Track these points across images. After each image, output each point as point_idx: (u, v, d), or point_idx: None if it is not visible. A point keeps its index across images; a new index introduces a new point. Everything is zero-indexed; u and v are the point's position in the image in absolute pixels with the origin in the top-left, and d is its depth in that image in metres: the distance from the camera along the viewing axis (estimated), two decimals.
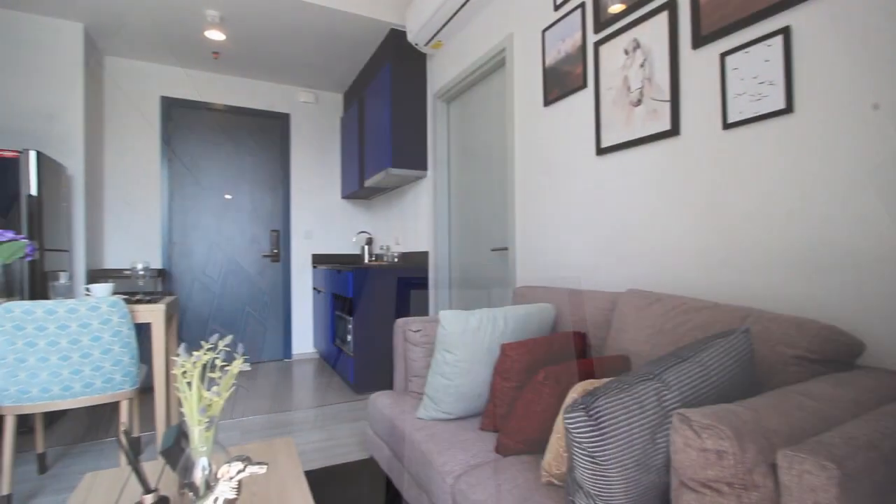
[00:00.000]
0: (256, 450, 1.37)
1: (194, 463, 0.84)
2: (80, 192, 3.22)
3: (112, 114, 3.75)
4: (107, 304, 1.81)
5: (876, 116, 1.10)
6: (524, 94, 2.38)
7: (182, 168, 4.00)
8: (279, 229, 4.34)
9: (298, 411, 2.93)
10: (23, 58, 3.07)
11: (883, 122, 1.09)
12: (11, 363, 1.69)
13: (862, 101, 1.12)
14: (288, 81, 4.31)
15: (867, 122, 1.11)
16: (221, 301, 4.13)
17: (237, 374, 0.84)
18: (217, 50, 3.63)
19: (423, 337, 1.83)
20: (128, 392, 1.91)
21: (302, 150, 4.44)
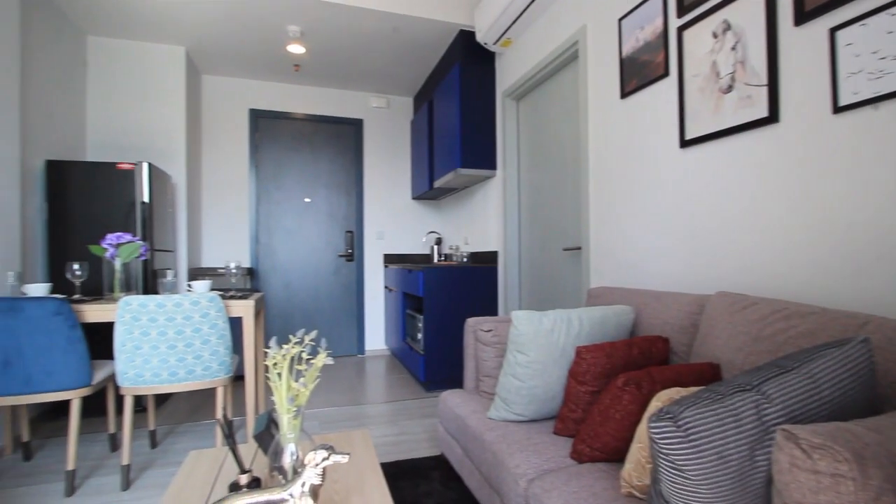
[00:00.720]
0: (335, 440, 1.44)
1: (283, 448, 0.90)
2: (182, 198, 3.59)
3: (208, 126, 4.14)
4: (206, 300, 1.99)
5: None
6: (599, 88, 2.29)
7: (267, 174, 4.32)
8: (353, 230, 4.54)
9: (371, 405, 3.05)
10: (136, 81, 3.48)
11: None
12: (130, 350, 1.92)
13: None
14: (361, 88, 4.49)
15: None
16: (301, 298, 4.40)
17: (321, 367, 0.89)
18: (298, 62, 3.87)
19: (494, 337, 1.82)
20: (223, 379, 2.10)
21: (374, 154, 4.61)
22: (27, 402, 1.87)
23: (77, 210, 2.83)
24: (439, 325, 3.22)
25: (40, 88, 2.78)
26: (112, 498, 1.88)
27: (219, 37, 3.43)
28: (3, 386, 1.83)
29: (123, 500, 1.86)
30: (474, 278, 3.31)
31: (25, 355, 1.83)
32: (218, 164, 4.15)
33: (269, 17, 3.15)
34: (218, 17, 3.14)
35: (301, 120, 4.41)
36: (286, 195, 4.36)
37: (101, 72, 3.41)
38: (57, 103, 2.98)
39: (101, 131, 3.41)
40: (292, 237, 4.38)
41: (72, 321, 1.89)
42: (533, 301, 3.06)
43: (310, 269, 4.42)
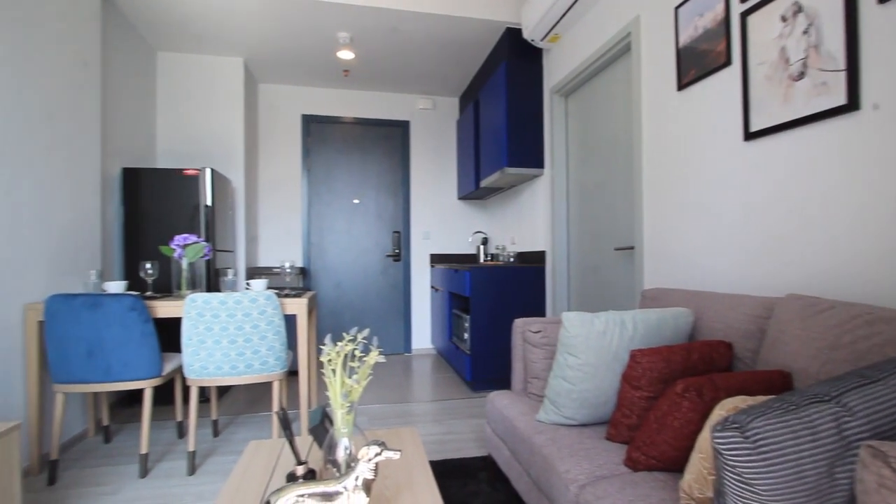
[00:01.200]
0: (385, 436, 1.47)
1: (337, 442, 0.93)
2: (241, 201, 3.79)
3: (263, 132, 4.34)
4: (263, 298, 2.09)
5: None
6: (653, 80, 2.19)
7: (318, 177, 4.47)
8: (400, 231, 4.61)
9: (417, 403, 3.08)
10: (200, 92, 3.71)
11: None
12: (195, 344, 2.05)
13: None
14: (408, 90, 4.55)
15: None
16: (350, 297, 4.52)
17: (373, 365, 0.91)
18: (347, 68, 3.98)
19: (543, 338, 1.79)
20: (279, 374, 2.19)
21: (420, 155, 4.66)
22: (107, 389, 2.04)
23: (148, 213, 3.06)
24: (486, 325, 3.21)
25: (117, 102, 3.03)
26: (179, 482, 2.02)
27: (273, 47, 3.59)
28: (87, 374, 2.00)
29: (189, 485, 1.99)
30: (521, 278, 3.27)
31: (106, 347, 1.99)
32: (273, 168, 4.35)
33: (320, 26, 3.26)
34: (273, 28, 3.29)
35: (350, 123, 4.54)
36: (336, 197, 4.50)
37: (169, 84, 3.67)
38: (131, 115, 3.23)
39: (169, 140, 3.66)
40: (342, 238, 4.51)
41: (145, 316, 2.04)
42: (582, 302, 2.98)
43: (359, 269, 4.54)
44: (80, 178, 2.51)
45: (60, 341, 1.96)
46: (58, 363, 1.98)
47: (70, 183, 2.42)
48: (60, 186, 2.34)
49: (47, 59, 2.24)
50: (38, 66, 2.18)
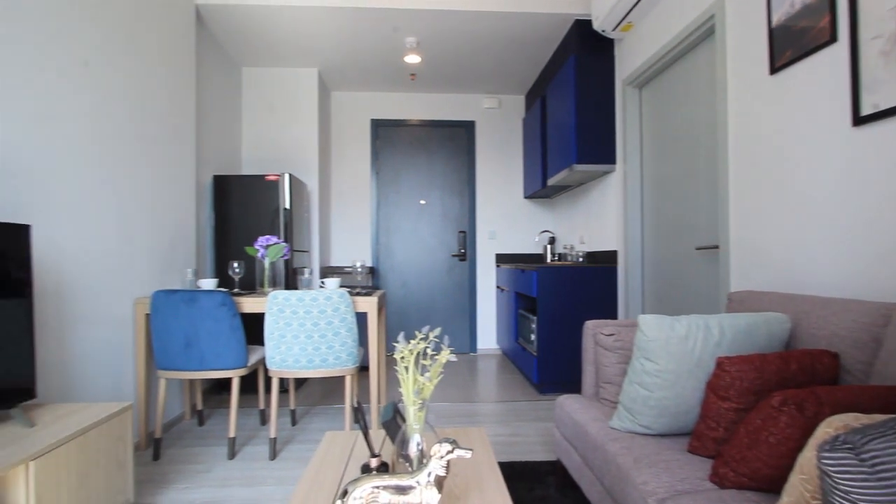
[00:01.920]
0: (453, 435, 1.48)
1: (409, 438, 0.95)
2: (315, 204, 4.00)
3: (336, 138, 4.55)
4: (337, 296, 2.19)
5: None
6: (741, 64, 2.02)
7: (386, 179, 4.61)
8: (465, 230, 4.63)
9: (483, 404, 3.07)
10: (278, 102, 3.97)
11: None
12: (276, 338, 2.19)
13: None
14: (473, 91, 4.56)
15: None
16: (416, 296, 4.61)
17: (444, 363, 0.92)
18: (414, 72, 4.06)
19: (616, 342, 1.71)
20: (351, 369, 2.29)
21: (486, 154, 4.65)
22: (201, 377, 2.24)
23: (235, 216, 3.32)
24: (553, 326, 3.13)
25: (208, 115, 3.32)
26: (262, 465, 2.17)
27: (345, 56, 3.75)
28: (185, 362, 2.21)
29: (271, 468, 2.13)
30: (591, 279, 3.15)
31: (200, 338, 2.19)
32: (344, 172, 4.55)
33: (389, 32, 3.36)
34: (345, 38, 3.44)
35: (416, 126, 4.63)
36: (403, 198, 4.62)
37: (252, 97, 3.96)
38: (220, 127, 3.53)
39: (252, 148, 3.96)
40: (409, 237, 4.61)
41: (233, 311, 2.21)
42: (659, 305, 2.82)
43: (425, 269, 4.62)
44: (179, 186, 2.78)
45: (163, 332, 2.19)
46: (161, 352, 2.21)
47: (170, 191, 2.69)
48: (163, 194, 2.60)
49: (153, 82, 2.51)
50: (147, 89, 2.45)
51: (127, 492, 1.62)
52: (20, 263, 1.48)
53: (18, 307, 1.47)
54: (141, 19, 2.40)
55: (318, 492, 1.11)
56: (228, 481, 2.01)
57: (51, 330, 1.81)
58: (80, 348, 1.97)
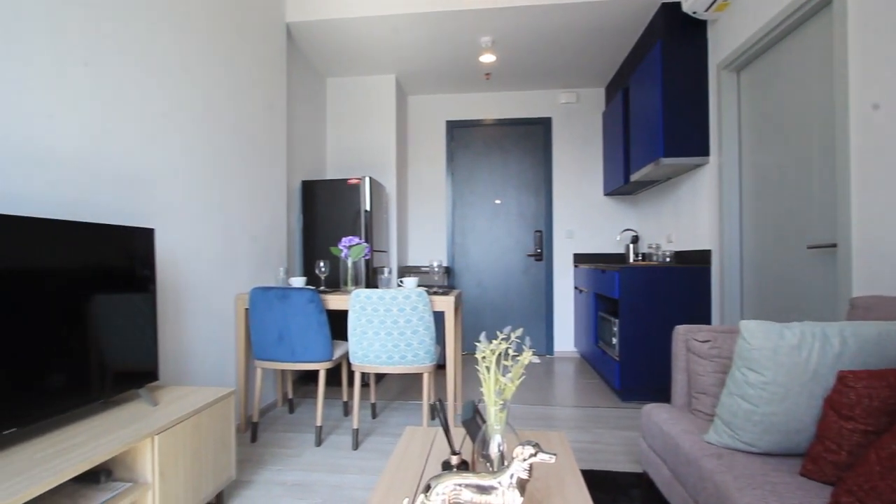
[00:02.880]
0: (533, 438, 1.45)
1: (490, 438, 0.94)
2: (393, 205, 4.14)
3: (412, 140, 4.68)
4: (415, 294, 2.24)
5: None
6: (865, 38, 1.76)
7: (461, 179, 4.65)
8: (542, 230, 4.53)
9: (560, 408, 2.98)
10: (359, 109, 4.16)
11: None
12: (359, 334, 2.30)
13: None
14: (549, 86, 4.45)
15: None
16: (491, 296, 4.59)
17: (525, 365, 0.90)
18: (488, 71, 4.05)
19: (712, 349, 1.57)
20: (428, 366, 2.33)
21: (563, 151, 4.52)
22: (292, 368, 2.41)
23: (321, 218, 3.53)
24: (637, 330, 2.95)
25: (297, 125, 3.57)
26: (346, 454, 2.28)
27: (421, 60, 3.84)
28: (278, 354, 2.39)
29: (354, 458, 2.23)
30: (679, 280, 2.93)
31: (291, 332, 2.35)
32: (420, 174, 4.66)
33: (464, 34, 3.38)
34: (421, 42, 3.52)
35: (491, 125, 4.62)
36: (478, 198, 4.62)
37: (335, 105, 4.19)
38: (308, 135, 3.78)
39: (335, 153, 4.19)
40: (484, 237, 4.61)
41: (320, 308, 2.35)
42: (761, 309, 2.55)
43: (500, 268, 4.59)
44: (272, 192, 3.02)
45: (259, 326, 2.38)
46: (257, 343, 2.41)
47: (265, 197, 2.92)
48: (258, 200, 2.84)
49: (250, 97, 2.74)
50: (245, 104, 2.68)
51: (230, 469, 1.78)
52: (146, 262, 1.69)
53: (145, 301, 1.68)
54: (240, 41, 2.64)
55: (399, 485, 1.14)
56: (315, 466, 2.14)
57: (169, 321, 2.05)
58: (191, 338, 2.21)
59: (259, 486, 1.96)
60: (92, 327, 1.46)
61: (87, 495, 1.29)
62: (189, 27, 2.20)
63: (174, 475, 1.46)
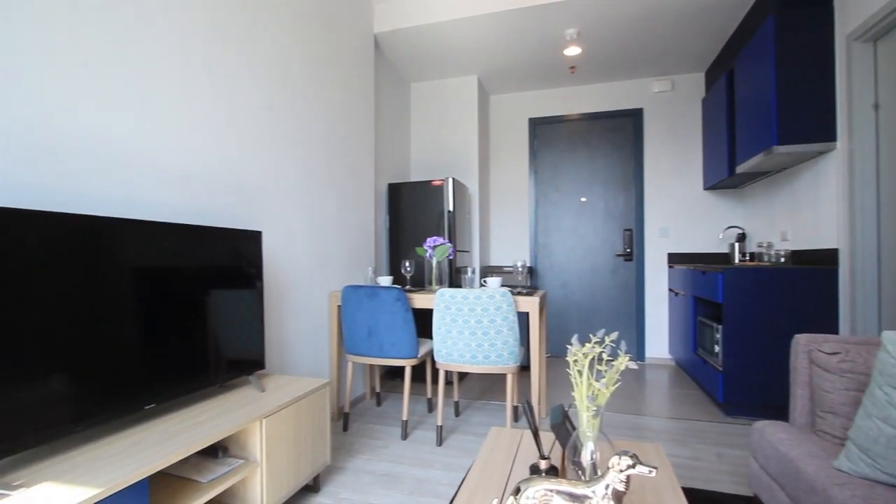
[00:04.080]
0: (626, 448, 1.36)
1: (582, 445, 0.90)
2: (476, 206, 4.15)
3: (494, 140, 4.66)
4: (499, 294, 2.23)
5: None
6: None
7: (545, 177, 4.54)
8: (632, 228, 4.28)
9: (653, 419, 2.78)
10: (442, 112, 4.24)
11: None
12: (443, 333, 2.33)
13: None
14: (640, 75, 4.19)
15: None
16: (577, 297, 4.43)
17: (621, 370, 0.85)
18: (573, 64, 3.91)
19: (843, 363, 1.37)
20: (512, 367, 2.30)
21: (656, 144, 4.22)
22: (379, 363, 2.52)
23: (406, 219, 3.65)
24: (744, 337, 2.67)
25: (383, 130, 3.72)
26: (430, 449, 2.33)
27: (503, 59, 3.81)
28: (367, 349, 2.51)
29: (438, 454, 2.27)
30: (797, 283, 2.59)
31: (380, 329, 2.46)
32: (502, 173, 4.63)
33: (548, 28, 3.29)
34: (503, 41, 3.49)
35: (576, 120, 4.45)
36: (563, 196, 4.48)
37: (419, 108, 4.31)
38: (393, 139, 3.93)
39: (419, 156, 4.30)
40: (568, 237, 4.46)
41: (406, 306, 2.43)
42: None
43: (586, 269, 4.41)
44: (361, 195, 3.18)
45: (350, 322, 2.52)
46: (349, 338, 2.55)
47: (355, 199, 3.08)
48: (349, 203, 3.01)
49: (341, 106, 2.91)
50: (336, 112, 2.86)
51: (326, 455, 1.90)
52: (255, 262, 1.86)
53: (253, 297, 1.85)
54: (332, 54, 2.81)
55: (486, 485, 1.14)
56: (402, 459, 2.21)
57: (272, 316, 2.25)
58: (290, 331, 2.39)
59: (350, 473, 2.07)
60: (211, 319, 1.64)
61: (209, 467, 1.45)
62: (287, 50, 2.39)
63: (278, 456, 1.60)
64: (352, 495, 1.88)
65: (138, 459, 1.15)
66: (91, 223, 1.23)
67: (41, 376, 1.11)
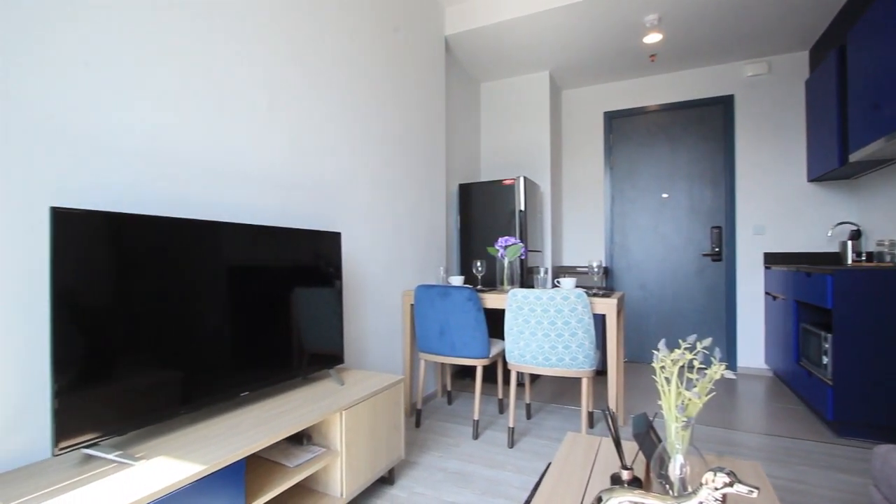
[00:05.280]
0: (721, 464, 1.26)
1: (670, 458, 0.84)
2: (547, 205, 4.06)
3: (567, 136, 4.52)
4: (574, 296, 2.16)
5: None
6: None
7: (621, 173, 4.32)
8: (721, 225, 3.94)
9: (748, 434, 2.54)
10: (512, 110, 4.19)
11: None
12: (515, 333, 2.30)
13: None
14: (730, 59, 3.85)
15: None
16: (657, 300, 4.16)
17: (715, 380, 0.78)
18: (654, 52, 3.69)
19: None
20: (587, 371, 2.22)
21: (750, 132, 3.85)
22: (451, 362, 2.54)
23: (476, 220, 3.65)
24: (860, 348, 2.35)
25: (454, 131, 3.75)
26: (501, 451, 2.31)
27: (577, 52, 3.68)
28: (439, 348, 2.54)
29: (509, 455, 2.25)
30: None
31: (451, 328, 2.48)
32: (575, 170, 4.48)
33: (625, 16, 3.13)
34: (577, 34, 3.37)
35: (655, 112, 4.19)
36: (641, 193, 4.24)
37: (489, 108, 4.29)
38: (463, 140, 3.95)
39: (489, 155, 4.29)
40: (647, 235, 4.21)
41: (478, 306, 2.43)
42: None
43: (667, 270, 4.13)
44: (433, 196, 3.23)
45: (423, 320, 2.57)
46: (421, 337, 2.60)
47: (427, 200, 3.14)
48: (421, 204, 3.07)
49: (414, 109, 2.98)
50: (409, 116, 2.93)
51: (400, 449, 1.96)
52: (335, 262, 1.96)
53: (333, 295, 1.95)
54: (405, 59, 2.89)
55: (563, 491, 1.10)
56: (473, 458, 2.22)
57: (349, 313, 2.35)
58: (366, 328, 2.49)
59: (423, 469, 2.11)
60: (296, 315, 1.75)
61: (295, 453, 1.55)
62: (361, 57, 2.49)
63: (356, 447, 1.67)
64: (425, 490, 1.92)
65: (235, 442, 1.25)
66: (195, 226, 1.37)
67: (156, 364, 1.25)
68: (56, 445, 1.04)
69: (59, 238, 1.05)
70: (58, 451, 1.04)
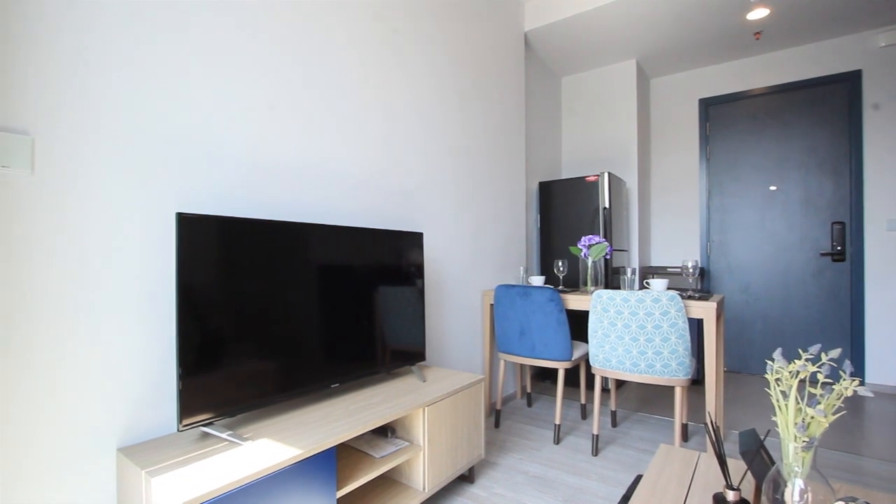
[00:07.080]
0: (853, 494, 1.10)
1: (787, 481, 0.75)
2: (634, 201, 3.83)
3: (656, 128, 4.23)
4: (666, 298, 2.01)
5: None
6: None
7: (720, 165, 3.95)
8: (844, 221, 3.45)
9: (881, 462, 2.19)
10: (595, 103, 4.01)
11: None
12: (600, 336, 2.20)
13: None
14: (856, 28, 3.35)
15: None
16: (763, 304, 3.75)
17: (847, 397, 0.68)
18: (759, 29, 3.32)
19: None
20: (681, 380, 2.06)
21: (883, 113, 3.33)
22: (531, 363, 2.49)
23: (557, 218, 3.55)
24: None
25: (534, 128, 3.67)
26: (585, 458, 2.22)
27: (667, 35, 3.43)
28: (519, 348, 2.51)
29: (593, 463, 2.15)
30: None
31: (532, 329, 2.43)
32: (665, 164, 4.17)
33: None
34: (668, 15, 3.14)
35: (762, 96, 3.77)
36: (743, 186, 3.84)
37: (570, 103, 4.15)
38: (544, 137, 3.85)
39: (571, 152, 4.14)
40: (752, 233, 3.80)
41: (560, 307, 2.36)
42: None
43: (776, 271, 3.70)
44: (512, 195, 3.19)
45: (503, 320, 2.55)
46: (501, 337, 2.58)
47: (506, 200, 3.11)
48: (501, 203, 3.05)
49: (494, 108, 2.97)
50: (490, 115, 2.92)
51: (480, 448, 1.96)
52: (417, 261, 2.01)
53: (416, 293, 2.00)
54: (485, 58, 2.88)
55: None
56: (555, 464, 2.15)
57: (430, 311, 2.40)
58: (446, 327, 2.53)
59: (503, 470, 2.09)
60: (382, 312, 1.82)
61: (379, 444, 1.61)
62: (439, 58, 2.52)
63: (438, 443, 1.69)
64: (505, 492, 1.90)
65: (327, 430, 1.33)
66: (293, 228, 1.48)
67: (260, 355, 1.37)
68: (181, 422, 1.18)
69: (183, 240, 1.19)
70: (182, 426, 1.18)
